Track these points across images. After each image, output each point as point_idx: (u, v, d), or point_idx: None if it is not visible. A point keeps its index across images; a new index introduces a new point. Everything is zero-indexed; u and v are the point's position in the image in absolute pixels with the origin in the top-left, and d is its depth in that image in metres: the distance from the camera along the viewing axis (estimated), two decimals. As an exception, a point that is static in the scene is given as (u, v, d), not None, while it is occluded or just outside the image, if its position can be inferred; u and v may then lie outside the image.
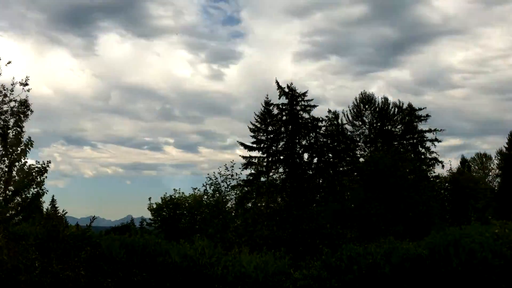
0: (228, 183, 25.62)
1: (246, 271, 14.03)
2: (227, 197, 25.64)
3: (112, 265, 14.12)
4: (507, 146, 62.09)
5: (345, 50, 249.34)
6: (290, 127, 48.39)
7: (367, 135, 51.81)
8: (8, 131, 13.76)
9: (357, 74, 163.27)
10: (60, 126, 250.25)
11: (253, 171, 47.63)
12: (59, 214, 15.14)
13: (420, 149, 50.41)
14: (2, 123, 13.88)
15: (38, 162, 14.02)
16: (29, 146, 13.76)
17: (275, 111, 48.92)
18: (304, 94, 48.59)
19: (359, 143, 51.64)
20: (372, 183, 28.76)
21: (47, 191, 14.20)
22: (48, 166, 14.05)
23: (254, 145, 48.50)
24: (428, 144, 50.44)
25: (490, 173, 68.25)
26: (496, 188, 60.08)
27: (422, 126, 50.97)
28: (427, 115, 51.02)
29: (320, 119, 49.23)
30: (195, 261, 14.56)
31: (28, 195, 13.80)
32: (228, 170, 25.58)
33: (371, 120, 52.09)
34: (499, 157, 65.91)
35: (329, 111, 51.40)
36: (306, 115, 48.66)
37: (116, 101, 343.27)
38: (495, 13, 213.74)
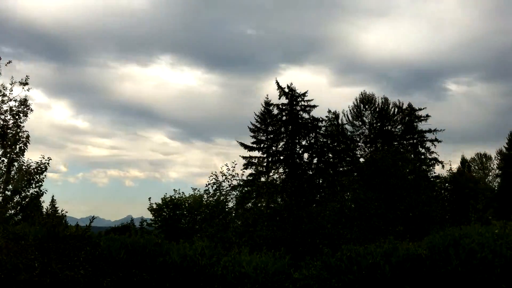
0: (229, 183, 25.76)
1: (246, 272, 14.00)
2: (228, 197, 25.72)
3: (112, 265, 14.08)
4: (507, 146, 62.05)
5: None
6: (290, 127, 48.36)
7: (367, 135, 51.80)
8: (8, 131, 13.69)
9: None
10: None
11: (253, 171, 47.64)
12: (58, 213, 15.11)
13: (420, 149, 50.44)
14: (2, 122, 13.81)
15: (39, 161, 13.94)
16: (26, 143, 13.63)
17: (275, 111, 48.97)
18: (304, 94, 48.62)
19: (359, 143, 51.63)
20: (372, 183, 28.70)
21: (46, 190, 14.16)
22: (48, 163, 13.95)
23: (254, 145, 48.49)
24: (428, 144, 50.52)
25: (490, 173, 68.25)
26: (496, 188, 60.04)
27: (422, 126, 51.09)
28: (427, 115, 51.12)
29: (320, 119, 49.30)
30: (195, 262, 14.53)
31: (28, 194, 13.75)
32: (230, 170, 25.79)
33: (371, 120, 52.09)
34: (499, 157, 65.91)
35: (329, 111, 51.45)
36: (306, 115, 48.75)
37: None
38: None
